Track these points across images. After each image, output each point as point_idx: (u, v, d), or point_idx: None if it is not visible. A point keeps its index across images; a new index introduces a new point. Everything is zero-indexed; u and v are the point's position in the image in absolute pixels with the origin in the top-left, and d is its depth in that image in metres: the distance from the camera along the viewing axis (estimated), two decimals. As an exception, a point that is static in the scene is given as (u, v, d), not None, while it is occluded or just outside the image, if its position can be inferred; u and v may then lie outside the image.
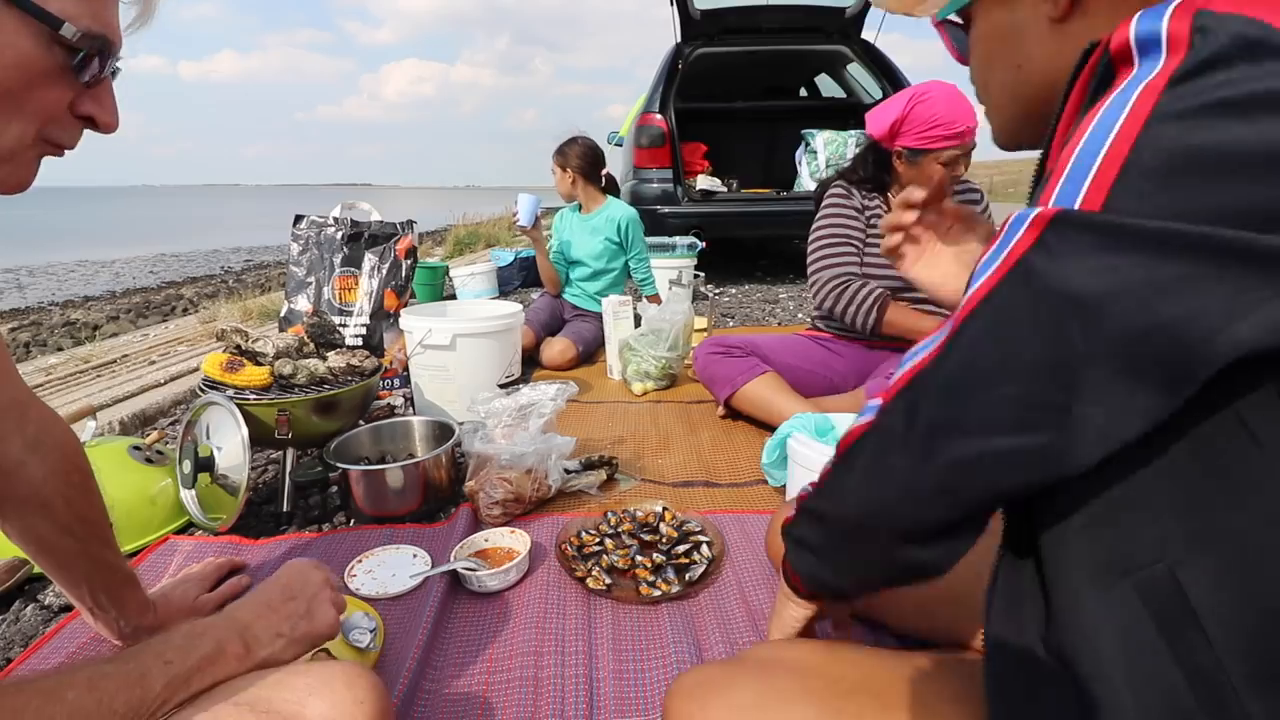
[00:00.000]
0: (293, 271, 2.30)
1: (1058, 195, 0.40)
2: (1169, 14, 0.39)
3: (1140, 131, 0.37)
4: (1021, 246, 0.41)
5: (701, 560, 1.13)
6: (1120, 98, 0.39)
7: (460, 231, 7.55)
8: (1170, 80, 0.37)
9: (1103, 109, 0.39)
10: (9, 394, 0.74)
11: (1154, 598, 0.40)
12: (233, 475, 1.32)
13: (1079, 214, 0.39)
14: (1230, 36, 0.37)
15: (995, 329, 0.42)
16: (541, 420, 1.43)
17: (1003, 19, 0.57)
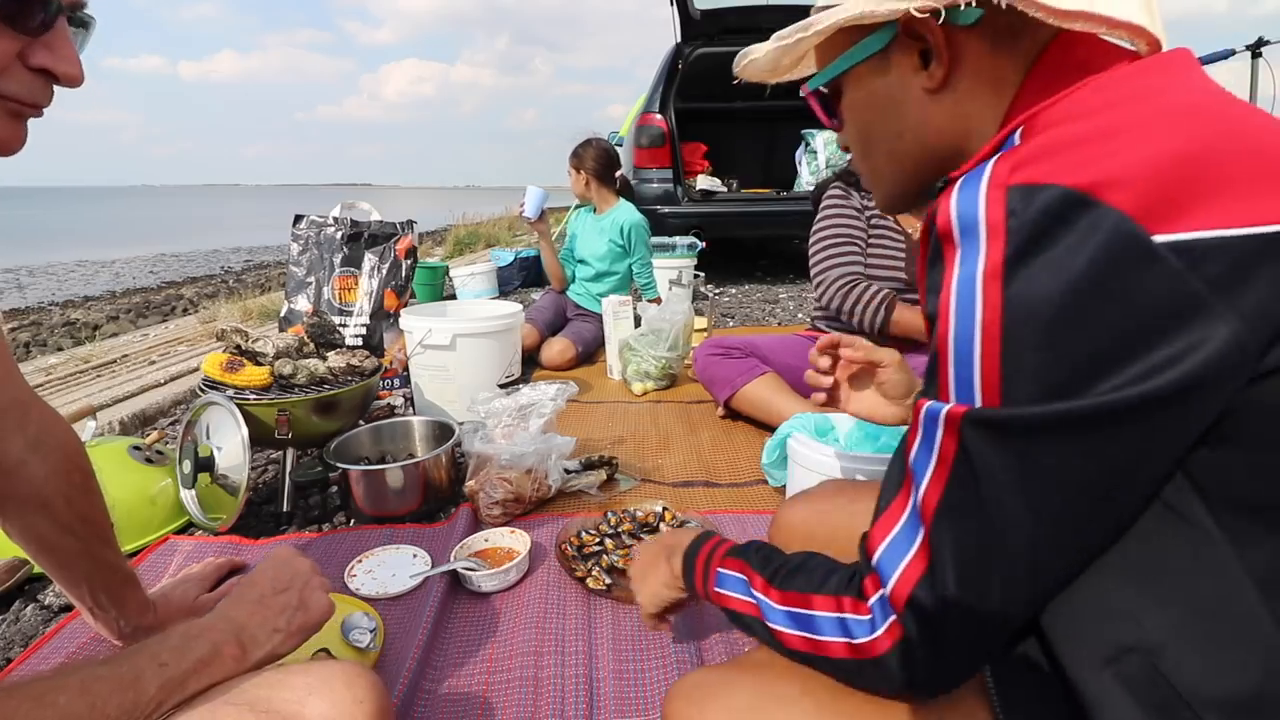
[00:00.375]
0: (293, 271, 2.30)
1: (955, 390, 0.44)
2: (983, 197, 0.43)
3: (1002, 326, 0.41)
4: (948, 449, 0.45)
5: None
6: (967, 287, 0.43)
7: (460, 231, 7.55)
8: (1004, 270, 0.41)
9: (955, 296, 0.43)
10: (10, 394, 0.74)
11: (1137, 687, 0.43)
12: (233, 475, 1.32)
13: (984, 414, 0.43)
14: (1038, 213, 0.40)
15: (961, 532, 0.45)
16: (541, 420, 1.43)
17: (878, 88, 0.58)
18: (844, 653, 0.52)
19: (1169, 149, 0.41)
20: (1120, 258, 0.38)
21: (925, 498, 0.46)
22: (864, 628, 0.50)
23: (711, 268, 4.11)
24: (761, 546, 0.65)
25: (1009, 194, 0.42)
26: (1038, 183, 0.41)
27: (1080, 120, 0.45)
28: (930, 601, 0.46)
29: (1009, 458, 0.42)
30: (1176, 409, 0.39)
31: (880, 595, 0.49)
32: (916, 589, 0.47)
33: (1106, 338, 0.39)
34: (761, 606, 0.59)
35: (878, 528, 0.51)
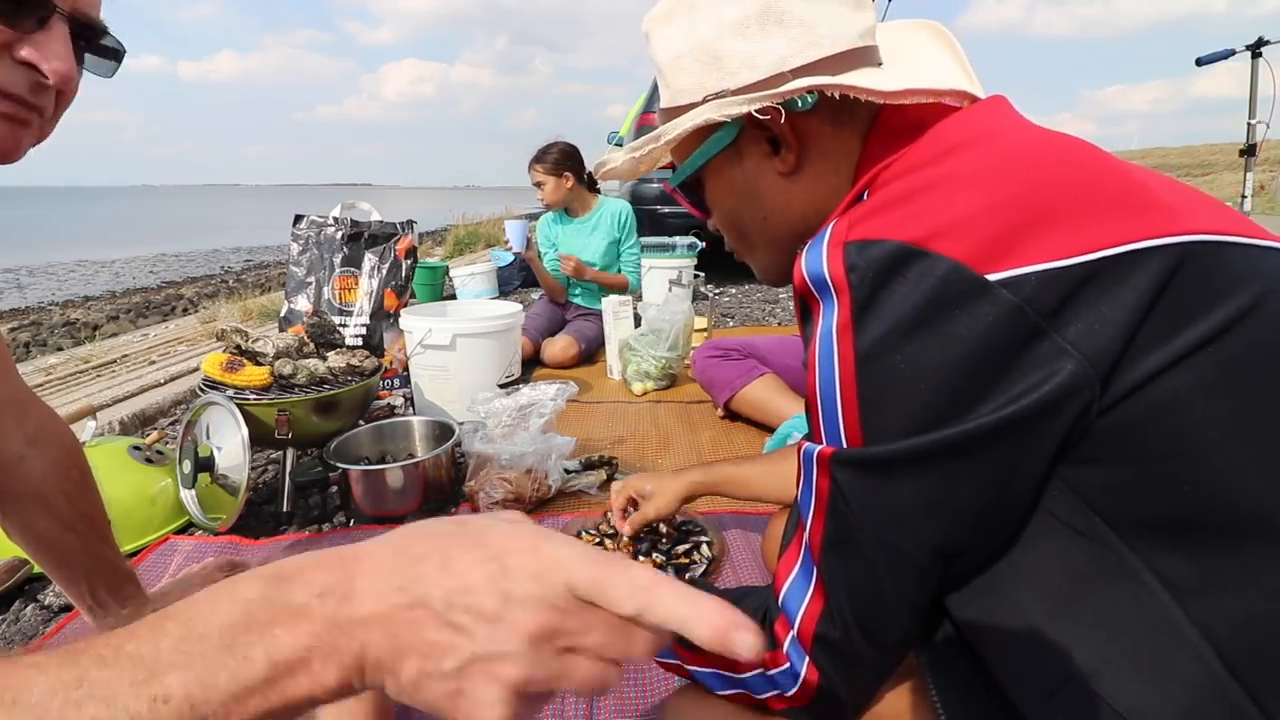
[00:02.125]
0: (293, 271, 2.30)
1: (825, 431, 0.47)
2: (825, 256, 0.46)
3: (856, 374, 0.44)
4: (823, 488, 0.47)
5: (701, 560, 1.13)
6: (825, 341, 0.46)
7: (460, 231, 7.55)
8: (852, 324, 0.44)
9: (818, 348, 0.46)
10: (9, 390, 0.75)
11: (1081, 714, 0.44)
12: (233, 475, 1.32)
13: (847, 454, 0.46)
14: (874, 267, 0.43)
15: (847, 564, 0.48)
16: (541, 420, 1.43)
17: (736, 178, 0.61)
18: (782, 704, 0.54)
19: (993, 196, 0.43)
20: (955, 298, 0.41)
21: (811, 536, 0.49)
22: (788, 678, 0.52)
23: (711, 268, 4.10)
24: None
25: (846, 250, 0.45)
26: (871, 239, 0.44)
27: (911, 174, 0.48)
28: (834, 635, 0.48)
29: (873, 491, 0.45)
30: (1018, 437, 0.42)
31: (790, 638, 0.51)
32: (820, 625, 0.49)
33: (952, 375, 0.42)
34: (694, 673, 0.60)
35: (780, 568, 0.53)
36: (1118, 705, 0.42)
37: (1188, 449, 0.40)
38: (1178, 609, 0.41)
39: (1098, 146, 0.51)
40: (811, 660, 0.50)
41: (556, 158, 2.57)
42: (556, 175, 2.58)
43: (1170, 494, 0.41)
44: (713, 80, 0.57)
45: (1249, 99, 2.61)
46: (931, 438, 0.42)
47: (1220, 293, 0.41)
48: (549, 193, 2.60)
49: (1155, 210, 0.43)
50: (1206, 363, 0.40)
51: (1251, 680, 0.39)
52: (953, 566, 0.47)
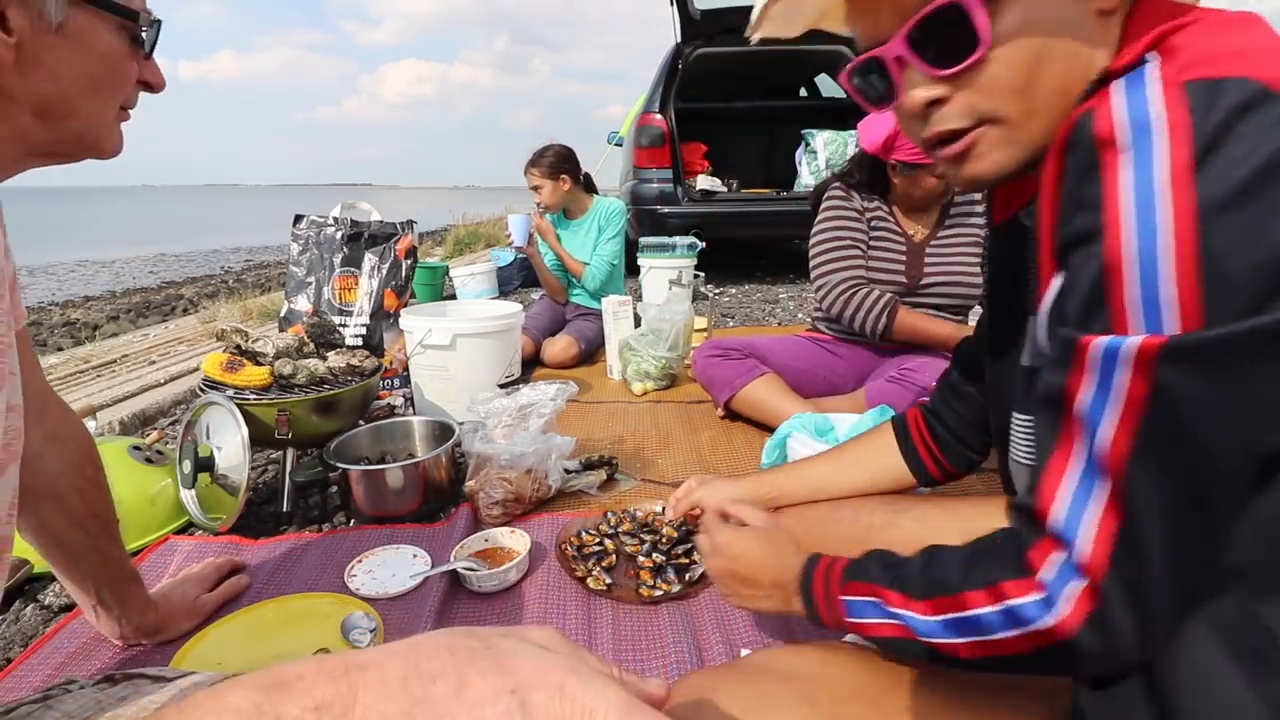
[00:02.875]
0: (293, 271, 2.31)
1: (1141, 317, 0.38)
2: (1157, 94, 0.39)
3: (1196, 231, 0.36)
4: (1139, 389, 0.39)
5: (701, 560, 1.13)
6: (1146, 192, 0.37)
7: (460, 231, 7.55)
8: (1193, 169, 0.36)
9: (1132, 206, 0.38)
10: (33, 385, 0.75)
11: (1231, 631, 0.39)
12: (233, 475, 1.32)
13: (1187, 340, 0.37)
14: (1228, 106, 0.37)
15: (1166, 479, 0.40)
16: (541, 420, 1.43)
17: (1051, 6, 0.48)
18: (1024, 646, 0.46)
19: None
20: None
21: (1112, 447, 0.41)
22: (1039, 609, 0.45)
23: (711, 268, 4.10)
24: (878, 557, 0.60)
25: (1188, 90, 0.38)
26: (1219, 77, 0.37)
27: (1223, 39, 0.41)
28: (1135, 559, 0.41)
29: (1220, 386, 0.37)
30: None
31: (1064, 563, 0.44)
32: (1117, 548, 0.42)
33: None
34: (910, 624, 0.53)
35: (1045, 487, 0.45)
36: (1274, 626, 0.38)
37: None
38: None
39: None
40: (1089, 586, 0.43)
41: (553, 160, 2.55)
42: (553, 178, 2.57)
43: None
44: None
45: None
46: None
47: None
48: (546, 195, 2.59)
49: None
50: None
51: None
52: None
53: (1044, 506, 0.45)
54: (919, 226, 1.77)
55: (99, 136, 0.59)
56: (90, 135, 0.58)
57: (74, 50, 0.54)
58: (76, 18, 0.53)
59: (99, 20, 0.55)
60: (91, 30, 0.55)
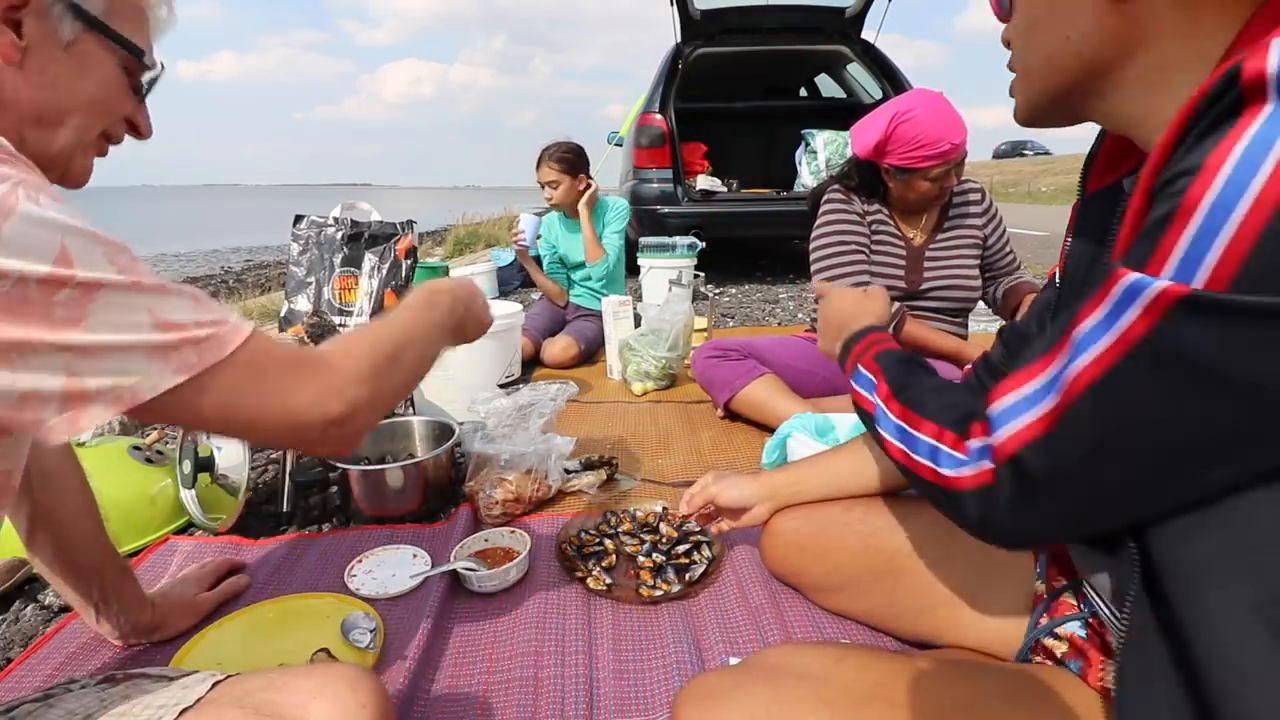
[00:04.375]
0: (293, 271, 2.30)
1: (1180, 263, 0.38)
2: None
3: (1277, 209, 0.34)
4: (1139, 329, 0.40)
5: (701, 560, 1.13)
6: (1258, 148, 0.35)
7: (460, 231, 7.55)
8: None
9: (1239, 153, 0.36)
10: None
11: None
12: (233, 475, 1.32)
13: (1208, 296, 0.37)
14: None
15: (1110, 415, 0.42)
16: (541, 420, 1.43)
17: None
18: (928, 475, 0.56)
19: None
20: None
21: (1081, 370, 0.43)
22: (952, 461, 0.54)
23: (711, 268, 4.10)
24: (908, 359, 0.71)
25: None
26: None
27: None
28: (1035, 465, 0.46)
29: (1216, 349, 0.37)
30: None
31: (984, 443, 0.51)
32: (1025, 448, 0.47)
33: None
34: (878, 410, 0.65)
35: (1006, 383, 0.51)
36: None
37: None
38: None
39: None
40: (992, 467, 0.50)
41: (572, 158, 2.53)
42: (572, 175, 2.54)
43: None
44: None
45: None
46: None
47: None
48: (562, 192, 2.55)
49: None
50: None
51: None
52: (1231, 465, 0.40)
53: (994, 397, 0.52)
54: (917, 230, 1.76)
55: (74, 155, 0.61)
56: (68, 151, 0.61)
57: (77, 69, 0.58)
58: (86, 41, 0.58)
59: (106, 49, 0.60)
60: (97, 55, 0.59)
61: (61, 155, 0.61)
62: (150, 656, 0.97)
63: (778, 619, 0.99)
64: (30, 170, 0.48)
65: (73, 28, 0.57)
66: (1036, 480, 0.47)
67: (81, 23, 0.57)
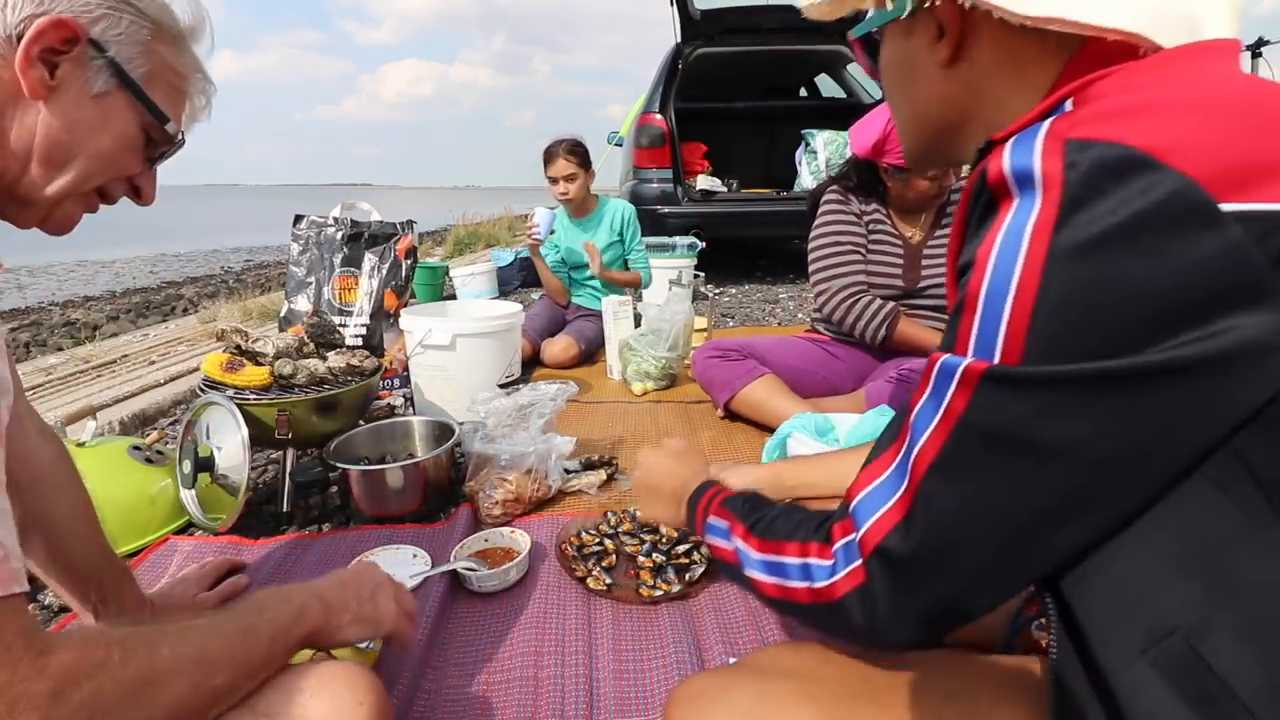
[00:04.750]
0: (293, 271, 2.30)
1: (976, 344, 0.42)
2: (1039, 150, 0.41)
3: (1040, 279, 0.39)
4: (958, 405, 0.43)
5: (701, 560, 1.13)
6: (1013, 238, 0.40)
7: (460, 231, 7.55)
8: (1055, 222, 0.39)
9: (1001, 243, 0.41)
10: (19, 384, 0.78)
11: (1177, 674, 0.41)
12: (233, 475, 1.32)
13: (1004, 370, 0.41)
14: (1097, 167, 0.39)
15: (954, 490, 0.44)
16: (541, 420, 1.43)
17: (902, 51, 0.58)
18: (807, 597, 0.54)
19: (1238, 122, 0.39)
20: (1180, 218, 0.37)
21: (921, 452, 0.46)
22: (824, 572, 0.52)
23: (711, 268, 4.11)
24: (753, 498, 0.68)
25: (1067, 146, 0.40)
26: (1100, 139, 0.39)
27: (1140, 91, 0.43)
28: (900, 551, 0.47)
29: (1021, 417, 0.41)
30: (1212, 384, 0.37)
31: (847, 540, 0.51)
32: (887, 538, 0.47)
33: (1151, 300, 0.37)
34: (740, 554, 0.62)
35: (862, 476, 0.51)
36: (1215, 665, 0.40)
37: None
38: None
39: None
40: (862, 565, 0.49)
41: (584, 150, 2.53)
42: (585, 169, 2.54)
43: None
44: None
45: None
46: (1109, 365, 0.38)
47: None
48: (578, 187, 2.54)
49: None
50: None
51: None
52: (1071, 526, 0.43)
53: (852, 493, 0.52)
54: (915, 229, 1.76)
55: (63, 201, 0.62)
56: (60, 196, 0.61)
57: (99, 119, 0.60)
58: (115, 96, 0.60)
59: (132, 109, 0.61)
60: (122, 112, 0.61)
61: (52, 198, 0.61)
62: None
63: (778, 619, 0.99)
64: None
65: (106, 82, 0.59)
66: (906, 568, 0.47)
67: (117, 79, 0.59)
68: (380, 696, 0.61)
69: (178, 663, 0.51)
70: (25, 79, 0.55)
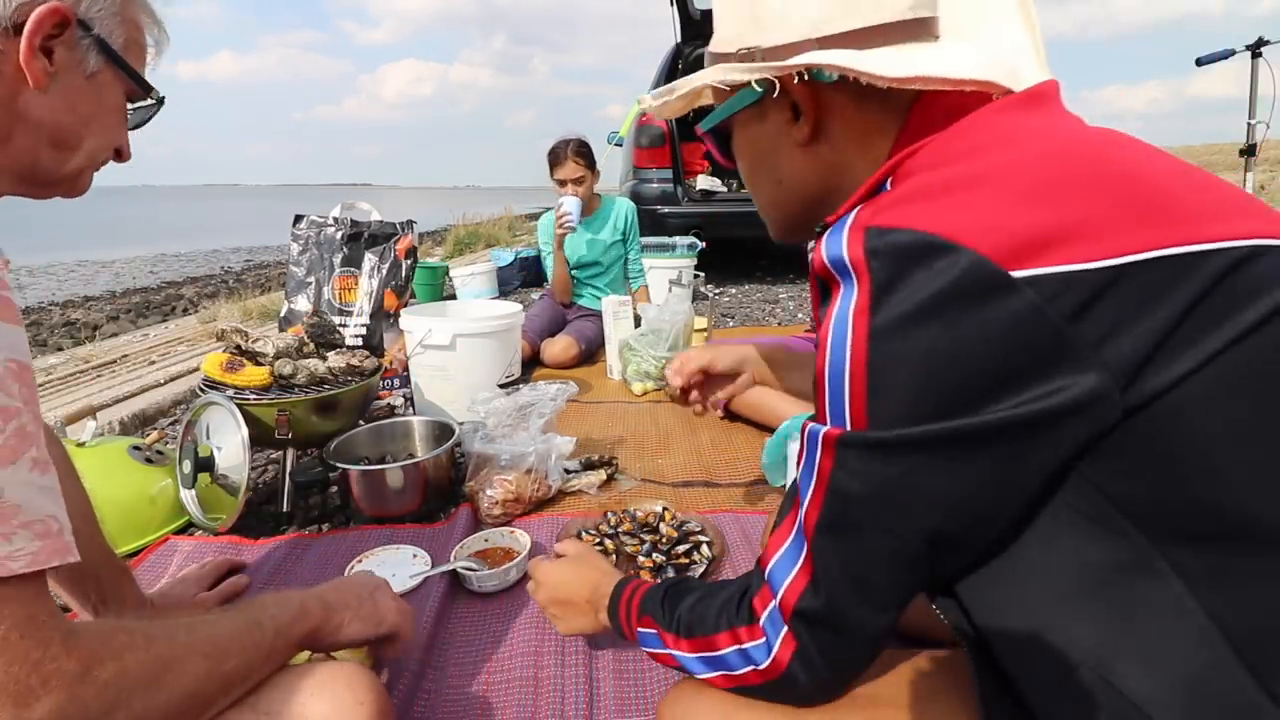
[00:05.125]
0: (293, 271, 2.30)
1: (830, 414, 0.47)
2: (845, 240, 0.46)
3: (866, 356, 0.44)
4: (825, 468, 0.48)
5: (701, 560, 1.13)
6: (841, 322, 0.45)
7: (460, 231, 7.55)
8: (870, 305, 0.44)
9: (833, 327, 0.46)
10: None
11: (1091, 703, 0.44)
12: (233, 475, 1.32)
13: (852, 436, 0.46)
14: (897, 253, 0.43)
15: (839, 545, 0.49)
16: (541, 420, 1.43)
17: (757, 136, 0.60)
18: (757, 679, 0.55)
19: (1022, 196, 0.43)
20: (976, 291, 0.41)
21: (807, 514, 0.50)
22: (762, 651, 0.54)
23: (711, 268, 4.10)
24: (667, 591, 0.67)
25: (868, 235, 0.45)
26: (896, 226, 0.44)
27: (939, 168, 0.48)
28: (815, 609, 0.50)
29: (874, 475, 0.46)
30: (1025, 438, 0.42)
31: (770, 610, 0.53)
32: (801, 599, 0.50)
33: (962, 367, 0.42)
34: (679, 659, 0.62)
35: (771, 542, 0.54)
36: (1128, 692, 0.43)
37: (1199, 452, 0.41)
38: (1190, 597, 0.42)
39: (1139, 143, 0.50)
40: (789, 631, 0.51)
41: (590, 152, 2.53)
42: (592, 170, 2.55)
43: (1183, 492, 0.42)
44: (750, 34, 0.56)
45: (1249, 99, 2.61)
46: (934, 428, 0.43)
47: (1245, 299, 0.41)
48: (588, 187, 2.55)
49: (1184, 217, 0.43)
50: (1224, 368, 0.40)
51: (1258, 663, 0.40)
52: (948, 557, 0.48)
53: (765, 561, 0.54)
54: None
55: (83, 172, 0.65)
56: (76, 169, 0.64)
57: (95, 97, 0.62)
58: (105, 73, 0.62)
59: (120, 81, 0.64)
60: (112, 86, 0.64)
61: (71, 174, 0.64)
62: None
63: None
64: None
65: (96, 60, 0.61)
66: (825, 622, 0.50)
67: (104, 56, 0.61)
68: (381, 696, 0.61)
69: (193, 647, 0.54)
70: (30, 70, 0.55)
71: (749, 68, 0.54)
